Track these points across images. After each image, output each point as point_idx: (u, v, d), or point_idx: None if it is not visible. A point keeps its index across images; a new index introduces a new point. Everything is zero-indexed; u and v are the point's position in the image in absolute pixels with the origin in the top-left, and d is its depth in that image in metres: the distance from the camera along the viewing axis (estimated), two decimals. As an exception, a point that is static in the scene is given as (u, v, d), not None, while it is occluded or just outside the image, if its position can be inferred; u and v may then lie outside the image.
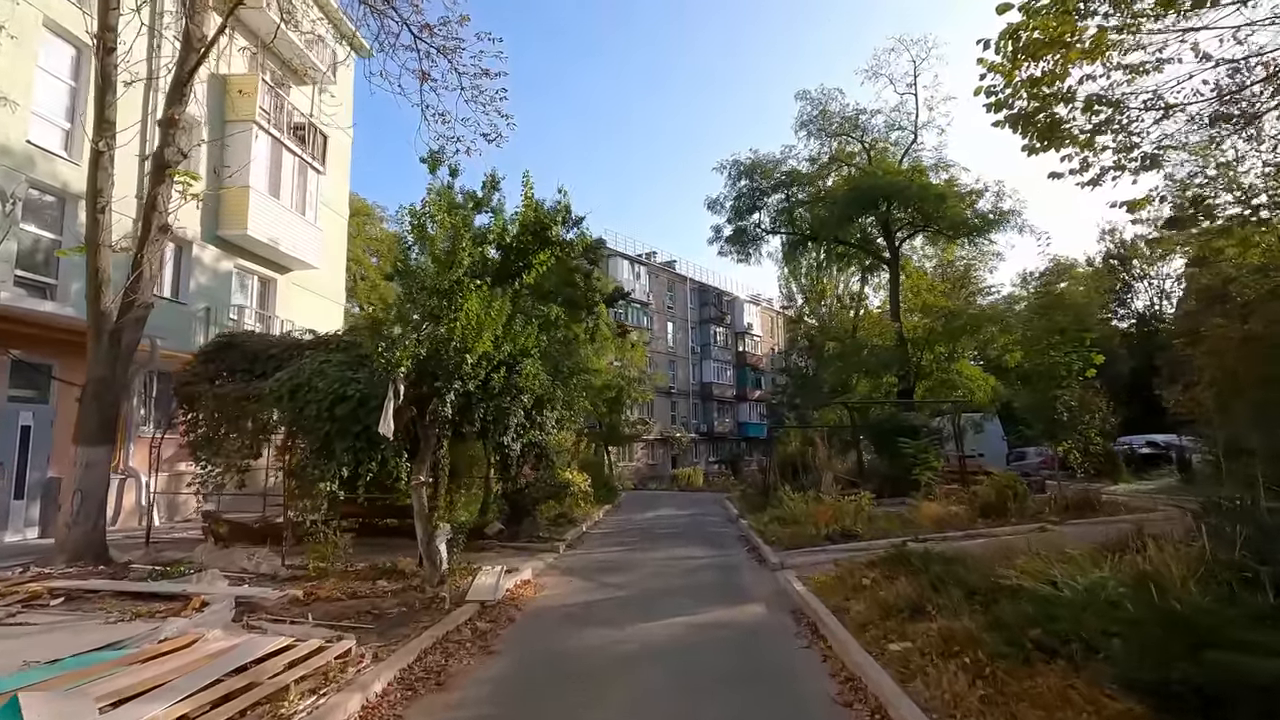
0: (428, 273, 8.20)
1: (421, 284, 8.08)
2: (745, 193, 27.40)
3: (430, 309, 8.01)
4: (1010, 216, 24.02)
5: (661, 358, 51.12)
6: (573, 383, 14.60)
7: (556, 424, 13.93)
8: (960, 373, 22.14)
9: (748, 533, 14.65)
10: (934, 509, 13.37)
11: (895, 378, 22.83)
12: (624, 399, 39.05)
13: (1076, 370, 13.49)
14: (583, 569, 11.09)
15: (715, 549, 13.16)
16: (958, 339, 21.60)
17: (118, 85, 10.22)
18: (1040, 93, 7.62)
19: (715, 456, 55.58)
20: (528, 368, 10.37)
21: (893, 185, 23.41)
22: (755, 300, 63.02)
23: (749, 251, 28.98)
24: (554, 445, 26.74)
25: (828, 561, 10.50)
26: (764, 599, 8.72)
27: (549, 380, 12.12)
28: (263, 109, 19.08)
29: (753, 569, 10.98)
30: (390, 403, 8.04)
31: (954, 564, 7.76)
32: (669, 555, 12.51)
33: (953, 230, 24.78)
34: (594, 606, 8.43)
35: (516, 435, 12.03)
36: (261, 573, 9.07)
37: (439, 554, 8.42)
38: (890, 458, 17.85)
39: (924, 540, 11.54)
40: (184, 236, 17.17)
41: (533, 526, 14.13)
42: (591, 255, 18.33)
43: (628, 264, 49.46)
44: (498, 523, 13.72)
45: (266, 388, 9.76)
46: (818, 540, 11.90)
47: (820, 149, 27.18)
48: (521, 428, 11.53)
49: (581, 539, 14.69)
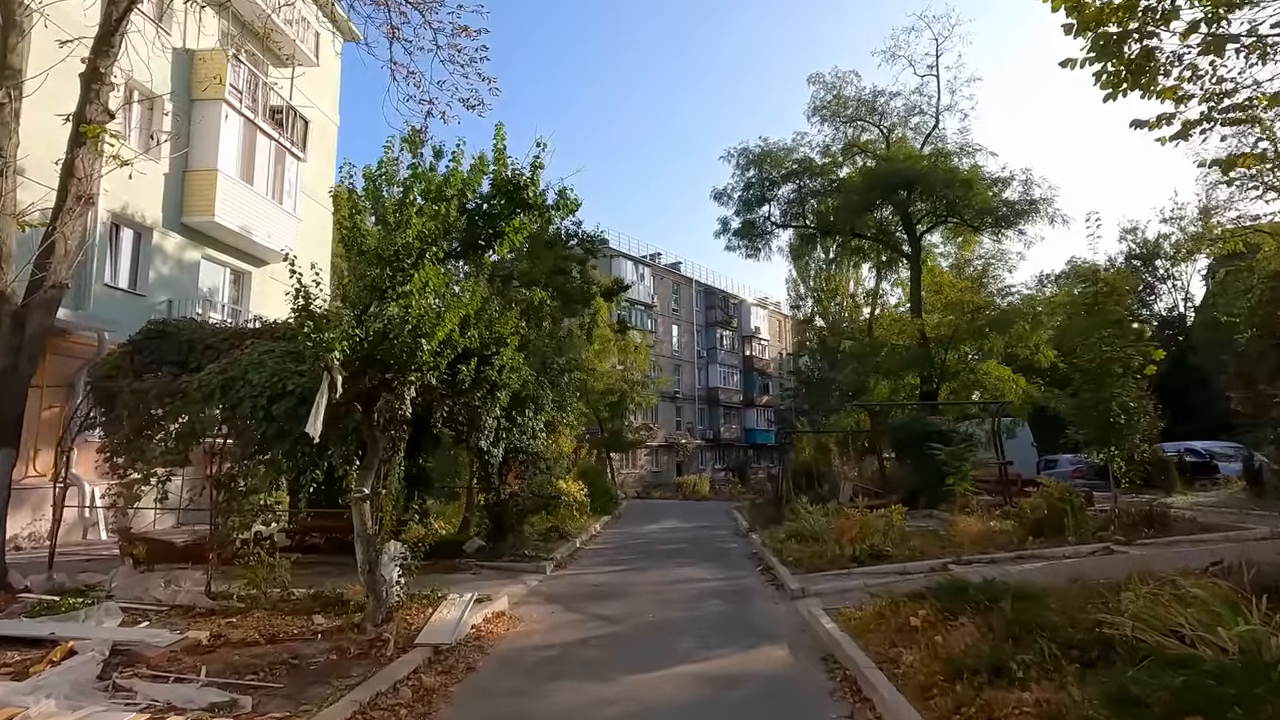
0: (371, 234, 6.69)
1: (361, 248, 6.57)
2: (754, 183, 25.76)
3: (373, 280, 6.49)
4: (1041, 205, 22.35)
5: (666, 361, 49.52)
6: (564, 382, 13.04)
7: (545, 427, 12.38)
8: (988, 373, 20.45)
9: (760, 550, 13.04)
10: (973, 525, 11.75)
11: (917, 379, 21.18)
12: (626, 403, 37.54)
13: (1136, 366, 11.84)
14: (570, 595, 9.51)
15: (724, 570, 11.56)
16: (986, 336, 19.88)
17: (25, 28, 8.76)
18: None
19: (722, 464, 53.91)
20: (504, 360, 8.80)
21: (914, 171, 21.69)
22: (762, 303, 61.44)
23: (758, 246, 27.38)
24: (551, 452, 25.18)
25: (858, 588, 8.90)
26: (786, 638, 7.13)
27: (533, 376, 10.58)
28: (234, 87, 17.67)
29: (769, 596, 9.37)
30: (323, 397, 6.51)
31: (1031, 601, 6.15)
32: (671, 577, 10.91)
33: (979, 221, 23.03)
34: (578, 648, 6.85)
35: (495, 439, 10.48)
36: (178, 603, 7.52)
37: (384, 583, 6.86)
38: (916, 466, 16.22)
39: (967, 563, 9.95)
40: (141, 221, 15.76)
41: (518, 543, 12.56)
42: (588, 246, 16.82)
43: (631, 264, 47.97)
44: (478, 539, 12.17)
45: (194, 382, 8.25)
46: (843, 562, 10.29)
47: (834, 136, 25.59)
48: (501, 430, 9.98)
49: (574, 556, 13.10)
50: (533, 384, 10.52)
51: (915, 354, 20.22)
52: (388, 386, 7.22)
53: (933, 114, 24.65)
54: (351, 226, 6.99)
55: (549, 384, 12.70)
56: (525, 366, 10.07)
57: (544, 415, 12.33)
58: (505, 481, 12.25)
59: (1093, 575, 7.72)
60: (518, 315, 9.13)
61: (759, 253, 27.49)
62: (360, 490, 6.98)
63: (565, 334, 13.95)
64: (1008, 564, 9.75)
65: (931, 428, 16.78)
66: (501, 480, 12.20)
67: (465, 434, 9.38)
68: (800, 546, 11.74)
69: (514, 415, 10.21)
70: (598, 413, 36.99)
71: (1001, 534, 11.16)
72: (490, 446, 10.94)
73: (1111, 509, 11.58)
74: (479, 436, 9.29)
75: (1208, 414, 29.07)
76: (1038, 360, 20.54)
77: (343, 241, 7.38)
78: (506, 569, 11.11)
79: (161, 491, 8.12)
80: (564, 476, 18.22)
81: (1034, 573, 8.52)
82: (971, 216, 22.76)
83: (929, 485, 16.08)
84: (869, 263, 30.00)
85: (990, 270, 33.86)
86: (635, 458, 46.08)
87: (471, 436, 9.33)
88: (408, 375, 7.22)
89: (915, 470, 16.21)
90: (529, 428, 11.51)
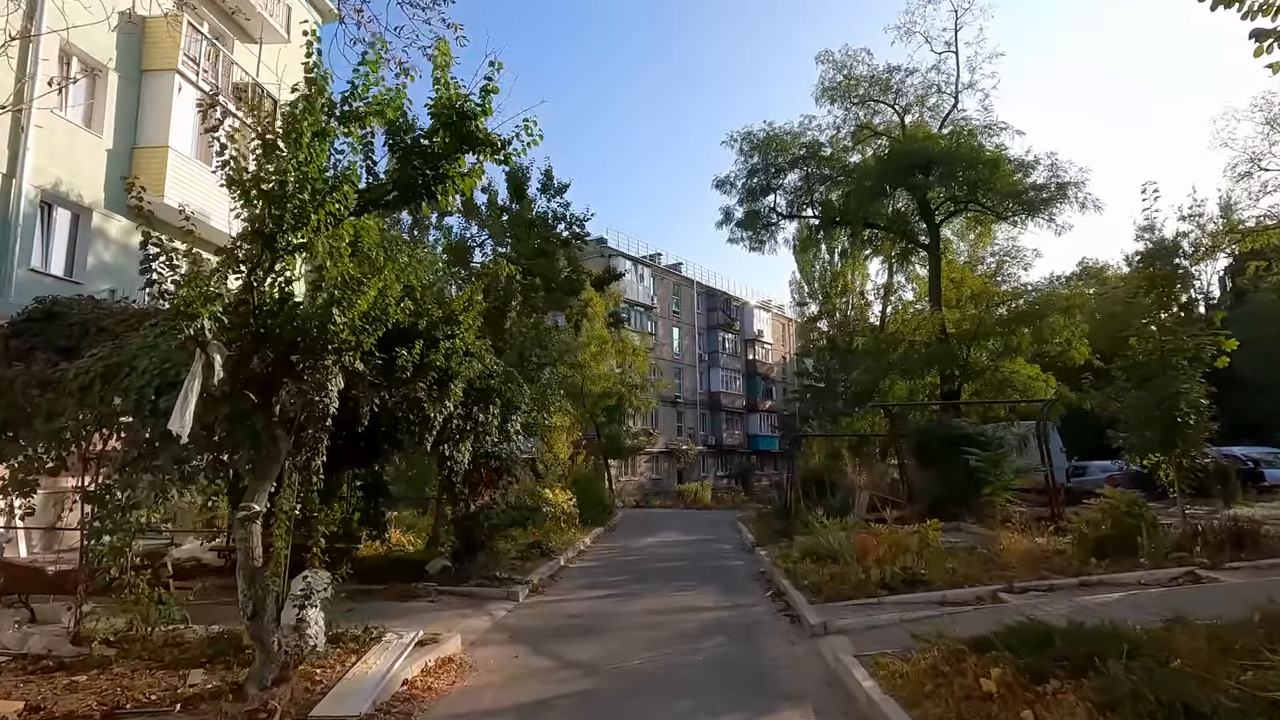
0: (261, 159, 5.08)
1: (242, 184, 4.95)
2: (759, 170, 24.04)
3: (259, 222, 4.85)
4: (1071, 190, 20.59)
5: (667, 365, 47.86)
6: (544, 378, 11.39)
7: (524, 430, 10.74)
8: (1016, 372, 18.72)
9: (770, 570, 11.37)
10: (1018, 542, 10.07)
11: (937, 378, 19.48)
12: (624, 407, 35.88)
13: (1207, 358, 10.18)
14: (542, 631, 7.85)
15: (729, 595, 9.88)
16: (1013, 331, 18.15)
17: None
18: None
19: (724, 471, 52.17)
20: (458, 343, 7.16)
21: (934, 151, 19.92)
22: (765, 306, 59.83)
23: (762, 239, 25.64)
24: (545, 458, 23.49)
25: (893, 624, 7.26)
26: (810, 698, 5.47)
27: (500, 368, 8.95)
28: (190, 58, 16.15)
29: (784, 633, 7.69)
30: (194, 381, 4.89)
31: (1150, 660, 4.48)
32: (666, 605, 9.23)
33: (1004, 207, 21.28)
34: (538, 715, 5.20)
35: (456, 441, 8.84)
36: (29, 651, 5.87)
37: (278, 631, 5.21)
38: (941, 473, 14.53)
39: (1021, 590, 8.28)
40: (79, 201, 14.19)
41: (490, 563, 10.92)
42: (576, 229, 15.19)
43: (630, 264, 46.38)
44: (443, 559, 10.53)
45: (70, 370, 6.62)
46: (870, 588, 8.62)
47: (844, 118, 23.83)
48: (458, 431, 8.35)
49: (556, 577, 11.43)
50: (500, 377, 8.88)
51: (937, 351, 18.46)
52: (291, 371, 5.58)
53: (951, 93, 22.88)
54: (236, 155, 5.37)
55: (526, 380, 11.06)
56: (490, 355, 8.46)
57: (521, 416, 10.68)
58: (476, 492, 10.62)
59: (1191, 611, 6.10)
60: (480, 291, 7.55)
61: (763, 245, 25.85)
62: (248, 507, 5.32)
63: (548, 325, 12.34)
64: (1072, 592, 8.09)
65: (957, 431, 15.11)
66: (471, 490, 10.57)
67: (414, 434, 7.73)
68: (817, 567, 10.08)
69: (474, 412, 8.56)
70: (594, 417, 35.38)
71: (1056, 554, 9.47)
72: (453, 450, 9.32)
73: (1186, 525, 9.87)
74: (428, 438, 7.64)
75: (1239, 417, 27.39)
76: (1071, 357, 18.82)
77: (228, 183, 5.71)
78: (472, 595, 9.47)
79: (25, 506, 6.49)
80: (552, 485, 16.57)
81: (1114, 607, 6.87)
82: (996, 201, 20.94)
83: (956, 494, 14.39)
84: (880, 257, 28.24)
85: (1004, 268, 32.22)
86: (635, 465, 44.41)
87: (421, 437, 7.67)
88: (322, 357, 5.59)
89: (940, 478, 14.54)
90: (498, 428, 9.85)
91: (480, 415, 8.65)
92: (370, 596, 9.32)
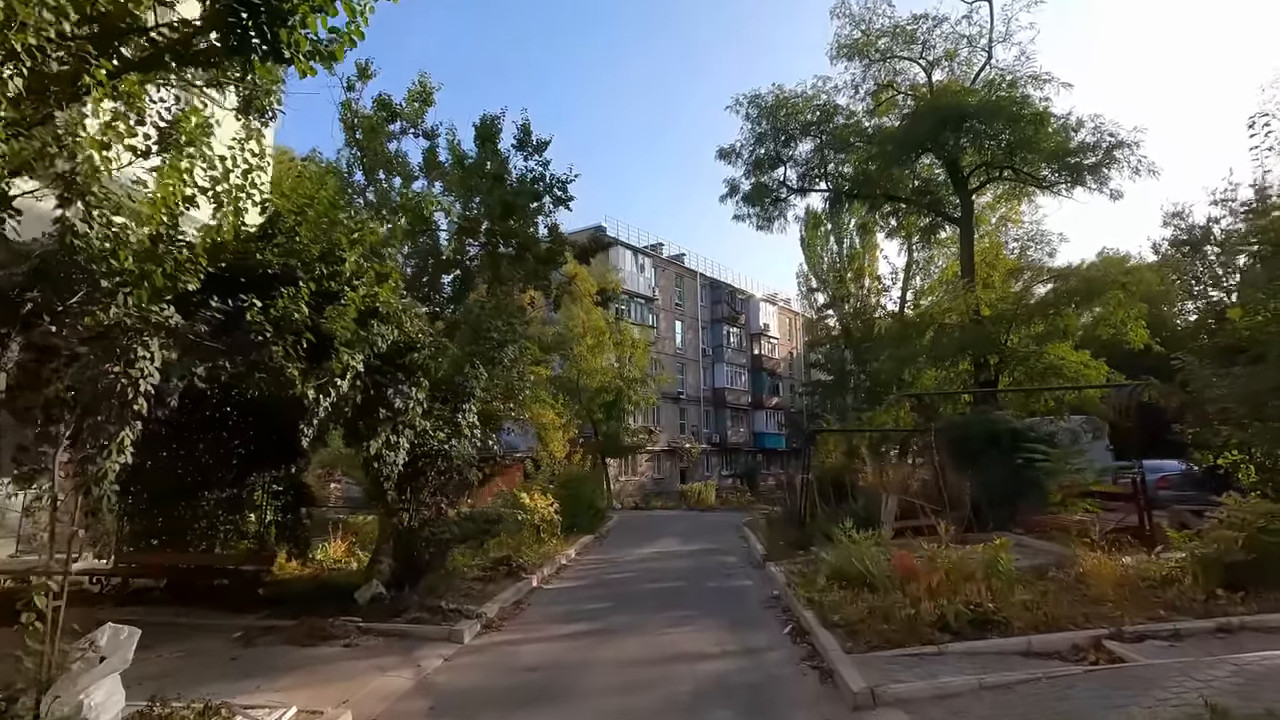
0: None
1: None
2: (767, 137, 21.63)
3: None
4: (1123, 152, 18.12)
5: (669, 359, 45.68)
6: (506, 357, 9.25)
7: (474, 423, 8.60)
8: (1063, 358, 16.38)
9: (786, 595, 9.23)
10: (1105, 566, 7.88)
11: (970, 366, 17.23)
12: (623, 403, 33.76)
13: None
14: (479, 695, 5.72)
15: (736, 633, 7.72)
16: (1060, 312, 15.80)
17: None
18: None
19: (729, 470, 50.01)
20: (352, 296, 5.03)
21: (969, 106, 17.48)
22: (771, 299, 57.54)
23: (771, 215, 23.18)
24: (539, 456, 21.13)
25: (971, 690, 5.20)
26: None
27: (430, 338, 6.82)
28: None
29: (813, 703, 5.52)
30: None
31: None
32: (654, 652, 7.08)
33: (1048, 172, 18.86)
34: None
35: (382, 436, 6.71)
36: None
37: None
38: (984, 474, 12.33)
39: (1135, 638, 6.10)
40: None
41: (440, 587, 8.81)
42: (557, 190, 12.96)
43: (630, 254, 44.26)
44: (377, 583, 8.41)
45: None
46: (923, 630, 6.47)
47: (863, 76, 21.27)
48: (366, 421, 6.23)
49: (522, 604, 9.28)
50: (428, 349, 6.72)
51: (973, 334, 16.05)
52: (35, 318, 3.47)
53: (983, 47, 19.86)
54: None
55: (486, 361, 8.93)
56: (418, 319, 6.35)
57: (476, 405, 8.56)
58: (419, 499, 8.49)
59: None
60: (384, 225, 5.47)
61: (772, 223, 23.38)
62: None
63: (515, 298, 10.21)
64: (1208, 642, 5.93)
65: (1002, 425, 12.92)
66: (413, 497, 8.45)
67: (290, 422, 5.62)
68: (848, 596, 7.94)
69: (389, 396, 6.42)
70: (591, 414, 33.27)
71: (1166, 584, 7.27)
72: (380, 446, 7.20)
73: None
74: (306, 430, 5.50)
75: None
76: (1129, 339, 16.49)
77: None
78: (404, 634, 7.35)
79: None
80: (532, 489, 14.45)
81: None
82: (1040, 163, 18.48)
83: (1002, 500, 12.20)
84: (898, 238, 25.82)
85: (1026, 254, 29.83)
86: (635, 464, 42.27)
87: (299, 428, 5.54)
88: (94, 298, 3.47)
89: (982, 480, 12.34)
90: (446, 420, 7.73)
91: (399, 400, 6.50)
92: (271, 636, 7.24)
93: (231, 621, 7.63)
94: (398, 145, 13.95)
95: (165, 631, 7.14)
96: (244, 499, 8.96)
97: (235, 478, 8.76)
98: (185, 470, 8.79)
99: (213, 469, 8.79)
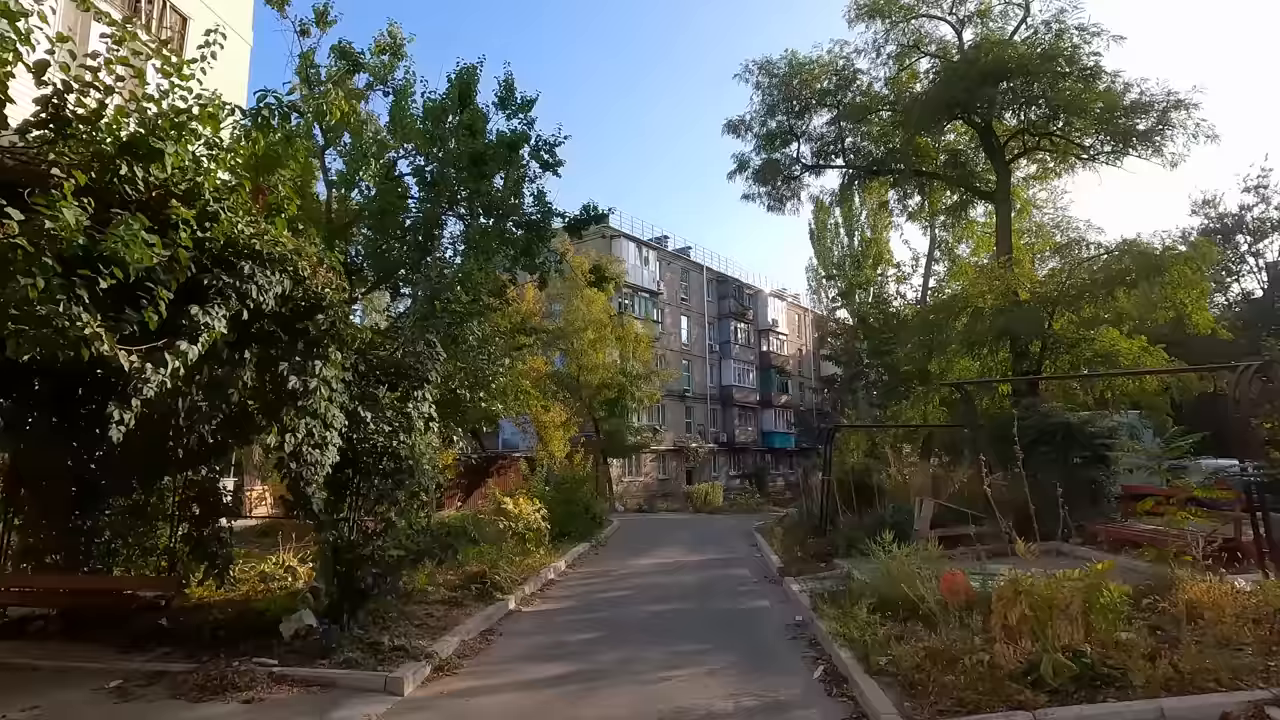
0: None
1: None
2: (779, 107, 19.73)
3: None
4: (1182, 112, 16.08)
5: (674, 356, 43.99)
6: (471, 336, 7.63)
7: (430, 414, 6.99)
8: (1115, 344, 14.48)
9: (812, 623, 7.60)
10: (1216, 590, 6.22)
11: (1008, 354, 15.42)
12: (626, 400, 32.16)
13: None
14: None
15: (754, 679, 6.07)
16: (1112, 293, 13.88)
17: None
18: None
19: (737, 470, 48.34)
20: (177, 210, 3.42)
21: (1010, 59, 15.47)
22: (780, 295, 55.83)
23: (783, 195, 21.31)
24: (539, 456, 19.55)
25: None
26: None
27: (343, 295, 5.22)
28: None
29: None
30: None
31: None
32: (650, 709, 5.43)
33: (1095, 137, 16.90)
34: None
35: (269, 424, 5.11)
36: None
37: None
38: (1039, 475, 10.60)
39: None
40: None
41: (395, 614, 7.21)
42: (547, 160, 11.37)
43: (634, 246, 42.65)
44: (307, 612, 6.83)
45: None
46: (1006, 686, 4.85)
47: (885, 37, 19.15)
48: (271, 406, 4.64)
49: (490, 635, 7.64)
50: (335, 310, 5.08)
51: (1017, 317, 14.06)
52: None
53: (1021, 1, 18.37)
54: None
55: (446, 341, 7.32)
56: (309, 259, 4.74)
57: (431, 392, 6.96)
58: (359, 509, 6.89)
59: None
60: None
61: (784, 204, 21.52)
62: None
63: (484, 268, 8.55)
64: None
65: (1057, 420, 11.20)
66: (352, 507, 6.85)
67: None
68: (894, 630, 6.33)
69: (282, 373, 4.78)
70: (593, 411, 31.70)
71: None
72: (304, 446, 5.61)
73: None
74: (122, 412, 3.84)
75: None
76: (1194, 324, 14.57)
77: None
78: (329, 683, 5.75)
79: None
80: (518, 492, 12.84)
81: None
82: (1084, 129, 16.62)
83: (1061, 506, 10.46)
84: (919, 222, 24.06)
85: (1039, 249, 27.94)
86: (639, 464, 40.64)
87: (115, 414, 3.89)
88: None
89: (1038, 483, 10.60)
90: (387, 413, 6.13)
91: (294, 380, 4.86)
92: (157, 686, 5.66)
93: (115, 664, 6.06)
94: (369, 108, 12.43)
95: (16, 681, 5.57)
96: (150, 509, 7.41)
97: (142, 481, 7.20)
98: (83, 472, 7.24)
99: (116, 471, 7.22)
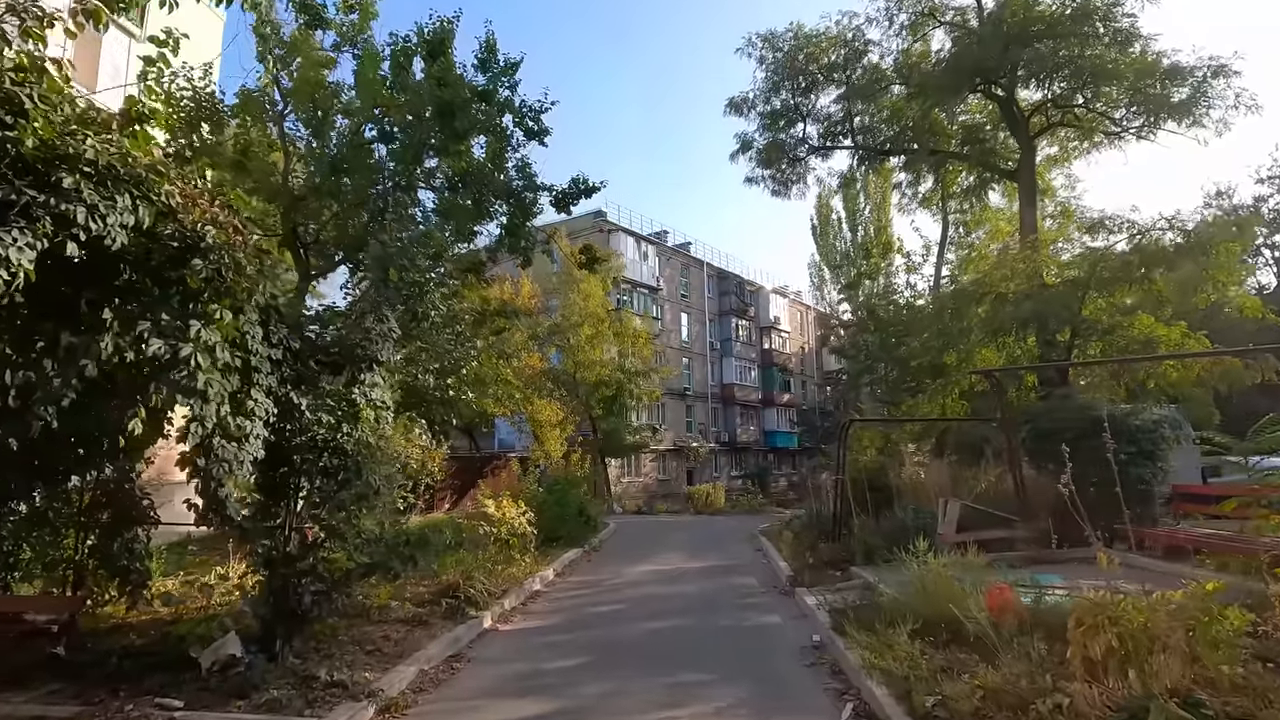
0: None
1: None
2: (784, 83, 18.43)
3: None
4: (1223, 80, 14.78)
5: (674, 353, 42.88)
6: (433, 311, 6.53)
7: (384, 402, 5.88)
8: (1150, 329, 13.30)
9: (833, 646, 6.48)
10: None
11: (1034, 342, 14.28)
12: (624, 398, 31.07)
13: None
14: None
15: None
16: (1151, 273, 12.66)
17: None
18: None
19: (738, 470, 47.24)
20: None
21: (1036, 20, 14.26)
22: (782, 291, 54.82)
23: (788, 178, 20.07)
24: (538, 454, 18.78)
25: None
26: None
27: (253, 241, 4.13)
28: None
29: None
30: None
31: None
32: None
33: (1126, 109, 15.66)
34: None
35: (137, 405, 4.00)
36: None
37: None
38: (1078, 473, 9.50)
39: None
40: None
41: (341, 636, 6.10)
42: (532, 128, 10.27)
43: (633, 241, 41.60)
44: (233, 639, 5.70)
45: None
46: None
47: (898, 6, 17.80)
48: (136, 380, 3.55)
49: (456, 664, 6.51)
50: (229, 254, 3.97)
51: (1047, 301, 12.80)
52: None
53: None
54: None
55: (404, 320, 6.21)
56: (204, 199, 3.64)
57: (383, 375, 5.85)
58: (294, 516, 5.78)
59: None
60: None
61: (789, 188, 20.30)
62: None
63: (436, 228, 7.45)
64: None
65: (1094, 414, 10.11)
66: (289, 513, 5.74)
67: None
68: (938, 660, 5.23)
69: (141, 334, 3.68)
70: (590, 410, 30.62)
71: None
72: (215, 436, 4.51)
73: None
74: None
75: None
76: (1239, 307, 13.42)
77: None
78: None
79: None
80: (501, 495, 11.72)
81: None
82: (1116, 100, 15.35)
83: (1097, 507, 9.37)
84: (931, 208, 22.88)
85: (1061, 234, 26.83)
86: (638, 464, 39.57)
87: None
88: None
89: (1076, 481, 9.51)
90: (309, 392, 5.03)
91: (157, 343, 3.72)
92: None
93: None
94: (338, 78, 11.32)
95: None
96: (52, 515, 6.30)
97: (43, 483, 6.09)
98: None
99: (11, 470, 6.09)
